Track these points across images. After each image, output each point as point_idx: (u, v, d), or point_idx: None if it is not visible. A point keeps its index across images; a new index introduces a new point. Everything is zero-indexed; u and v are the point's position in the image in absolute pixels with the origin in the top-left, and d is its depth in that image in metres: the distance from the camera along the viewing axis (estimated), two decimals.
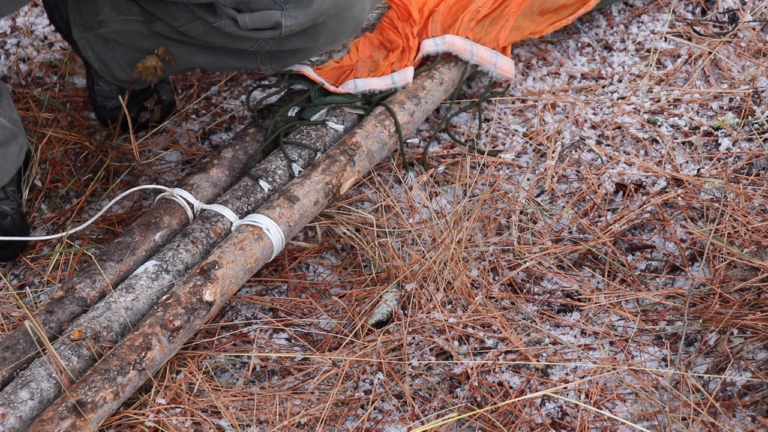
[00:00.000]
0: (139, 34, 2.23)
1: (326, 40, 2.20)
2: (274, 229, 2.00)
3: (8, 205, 2.19)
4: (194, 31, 2.17)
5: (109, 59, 2.31)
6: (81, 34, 2.29)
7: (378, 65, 2.38)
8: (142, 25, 2.22)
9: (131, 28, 2.23)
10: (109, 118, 2.45)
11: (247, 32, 2.11)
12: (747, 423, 1.78)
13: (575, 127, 2.44)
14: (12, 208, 2.19)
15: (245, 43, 2.17)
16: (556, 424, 1.81)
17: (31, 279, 2.15)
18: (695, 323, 1.95)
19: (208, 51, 2.25)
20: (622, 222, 2.16)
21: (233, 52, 2.22)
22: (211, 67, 2.31)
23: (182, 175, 2.38)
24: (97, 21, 2.25)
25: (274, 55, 2.23)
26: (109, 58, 2.30)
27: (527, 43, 2.70)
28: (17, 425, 1.67)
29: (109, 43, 2.27)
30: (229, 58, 2.25)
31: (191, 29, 2.17)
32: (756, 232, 2.06)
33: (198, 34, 2.18)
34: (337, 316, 2.05)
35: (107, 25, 2.24)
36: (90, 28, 2.26)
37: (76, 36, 2.30)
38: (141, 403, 1.83)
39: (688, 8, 2.76)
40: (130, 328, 1.84)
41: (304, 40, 2.18)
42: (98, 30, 2.26)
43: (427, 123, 2.47)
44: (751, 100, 2.43)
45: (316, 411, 1.83)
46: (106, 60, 2.31)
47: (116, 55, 2.29)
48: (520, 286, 2.07)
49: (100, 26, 2.25)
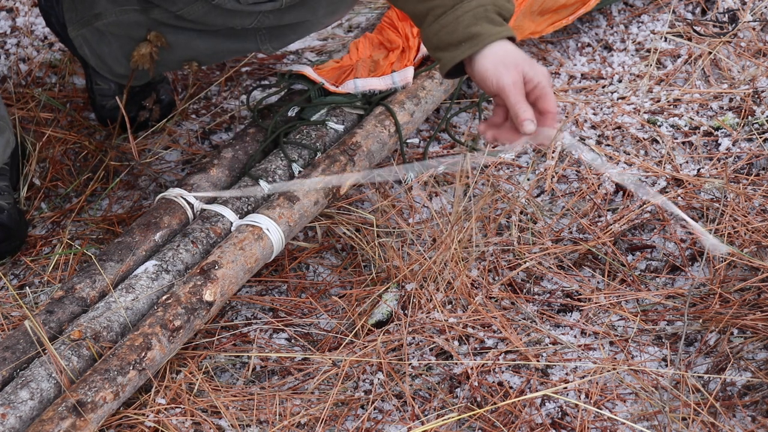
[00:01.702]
0: (136, 24, 2.22)
1: (326, 11, 2.19)
2: (274, 229, 2.00)
3: (3, 200, 2.19)
4: (193, 14, 2.16)
5: (106, 54, 2.30)
6: (77, 31, 2.28)
7: (378, 65, 2.38)
8: (139, 14, 2.21)
9: (128, 18, 2.21)
10: (109, 117, 2.45)
11: (247, 6, 2.10)
12: (747, 423, 1.78)
13: (575, 127, 2.44)
14: (8, 203, 2.19)
15: (245, 20, 2.16)
16: (556, 424, 1.81)
17: (31, 279, 2.15)
18: (695, 323, 1.96)
19: (207, 35, 2.23)
20: (622, 222, 2.17)
21: (233, 33, 2.20)
22: (209, 54, 2.29)
23: (182, 174, 2.38)
24: (93, 14, 2.23)
25: (274, 33, 2.22)
26: (106, 53, 2.29)
27: (527, 43, 2.70)
28: (17, 425, 1.67)
29: (105, 36, 2.26)
30: (228, 40, 2.23)
31: (190, 12, 2.16)
32: (756, 232, 2.07)
33: (197, 16, 2.17)
34: (337, 316, 2.05)
35: (104, 17, 2.23)
36: (86, 23, 2.25)
37: (72, 34, 2.29)
38: (141, 403, 1.83)
39: (688, 8, 2.76)
40: (130, 328, 1.84)
41: (303, 12, 2.17)
42: (94, 23, 2.24)
43: (427, 123, 2.47)
44: (751, 100, 2.43)
45: (316, 411, 1.83)
46: (103, 55, 2.30)
47: (113, 49, 2.28)
48: (520, 286, 2.07)
49: (96, 19, 2.24)
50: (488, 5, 1.79)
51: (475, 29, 1.78)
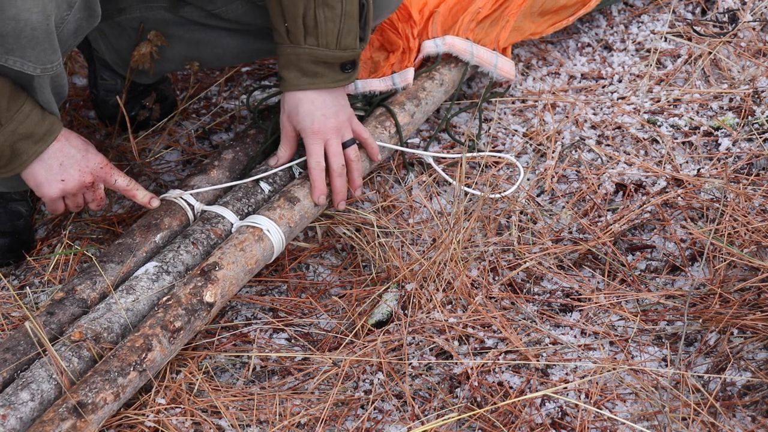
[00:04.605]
0: (162, 21, 2.19)
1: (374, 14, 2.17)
2: (275, 230, 2.01)
3: (23, 207, 2.20)
4: (231, 13, 2.15)
5: (125, 49, 2.26)
6: None
7: (378, 66, 2.38)
8: (167, 11, 2.18)
9: (154, 15, 2.19)
10: (110, 115, 2.44)
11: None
12: (747, 423, 1.78)
13: (575, 127, 2.44)
14: (26, 209, 2.20)
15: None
16: (556, 424, 1.81)
17: (32, 279, 2.15)
18: (695, 323, 1.96)
19: (237, 34, 2.21)
20: (622, 222, 2.17)
21: (266, 34, 2.16)
22: (237, 53, 2.26)
23: (182, 174, 2.38)
24: (116, 9, 2.19)
25: None
26: (124, 48, 2.26)
27: (527, 44, 2.70)
28: (18, 426, 1.67)
29: (126, 31, 2.23)
30: (259, 40, 2.21)
31: (228, 11, 2.15)
32: (756, 232, 2.07)
33: (235, 16, 2.15)
34: (337, 316, 2.05)
35: (128, 12, 2.19)
36: (107, 17, 2.19)
37: None
38: (141, 403, 1.84)
39: (688, 8, 2.76)
40: (130, 329, 1.84)
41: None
42: (116, 18, 2.21)
43: (428, 123, 2.47)
44: (751, 100, 2.43)
45: (316, 411, 1.83)
46: (122, 50, 2.27)
47: (133, 45, 2.24)
48: (520, 286, 2.07)
49: (119, 14, 2.20)
50: (302, 54, 2.03)
51: (283, 73, 2.06)
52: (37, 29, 1.72)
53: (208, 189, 2.09)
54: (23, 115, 1.83)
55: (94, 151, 1.95)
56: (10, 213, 2.18)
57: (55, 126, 1.88)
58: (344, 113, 2.10)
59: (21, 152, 1.86)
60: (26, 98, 1.83)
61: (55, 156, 1.89)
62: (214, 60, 2.28)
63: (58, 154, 1.90)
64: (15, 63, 1.75)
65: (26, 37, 1.72)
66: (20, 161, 1.87)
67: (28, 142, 1.85)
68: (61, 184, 1.92)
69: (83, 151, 1.92)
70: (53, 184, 1.91)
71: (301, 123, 2.07)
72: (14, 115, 1.82)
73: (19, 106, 1.82)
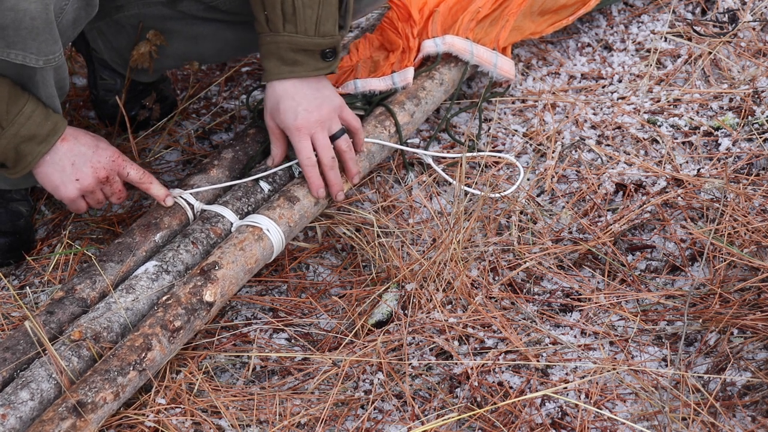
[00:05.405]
0: (161, 17, 2.18)
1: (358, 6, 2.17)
2: (275, 229, 2.01)
3: (24, 207, 2.20)
4: (229, 4, 2.14)
5: (123, 47, 2.26)
6: (92, 23, 2.22)
7: (378, 66, 2.38)
8: (165, 6, 2.17)
9: (152, 11, 2.18)
10: (110, 115, 2.43)
11: None
12: (747, 423, 1.78)
13: (575, 127, 2.44)
14: (26, 209, 2.20)
15: None
16: (556, 424, 1.81)
17: (32, 279, 2.15)
18: (695, 323, 1.96)
19: (236, 26, 2.20)
20: (622, 222, 2.17)
21: None
22: (237, 45, 2.25)
23: (182, 174, 2.38)
24: (114, 6, 2.19)
25: None
26: (123, 46, 2.25)
27: (527, 43, 2.70)
28: (17, 426, 1.67)
29: (124, 29, 2.22)
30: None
31: (226, 2, 2.14)
32: (756, 232, 2.06)
33: (233, 7, 2.15)
34: (337, 316, 2.05)
35: (126, 9, 2.19)
36: (105, 15, 2.19)
37: (86, 27, 2.23)
38: (141, 403, 1.83)
39: (688, 8, 2.76)
40: (130, 328, 1.84)
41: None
42: (114, 16, 2.20)
43: (427, 123, 2.47)
44: (751, 100, 2.43)
45: (316, 411, 1.83)
46: (121, 48, 2.26)
47: (132, 42, 2.24)
48: (520, 286, 2.07)
49: (117, 11, 2.20)
50: (281, 42, 2.01)
51: (264, 63, 2.04)
52: (36, 19, 1.72)
53: (207, 188, 2.09)
54: (24, 117, 1.83)
55: (104, 146, 1.95)
56: (11, 213, 2.18)
57: (58, 125, 1.88)
58: (328, 105, 2.07)
59: (25, 154, 1.86)
60: (27, 99, 1.83)
61: (66, 157, 1.90)
62: (214, 54, 2.28)
63: (69, 154, 1.90)
64: (17, 56, 1.75)
65: (26, 28, 1.72)
66: (25, 163, 1.88)
67: (31, 143, 1.85)
68: (77, 184, 1.92)
69: (93, 147, 1.93)
70: (69, 185, 1.92)
71: (284, 120, 2.05)
72: (15, 118, 1.82)
73: (19, 108, 1.82)
